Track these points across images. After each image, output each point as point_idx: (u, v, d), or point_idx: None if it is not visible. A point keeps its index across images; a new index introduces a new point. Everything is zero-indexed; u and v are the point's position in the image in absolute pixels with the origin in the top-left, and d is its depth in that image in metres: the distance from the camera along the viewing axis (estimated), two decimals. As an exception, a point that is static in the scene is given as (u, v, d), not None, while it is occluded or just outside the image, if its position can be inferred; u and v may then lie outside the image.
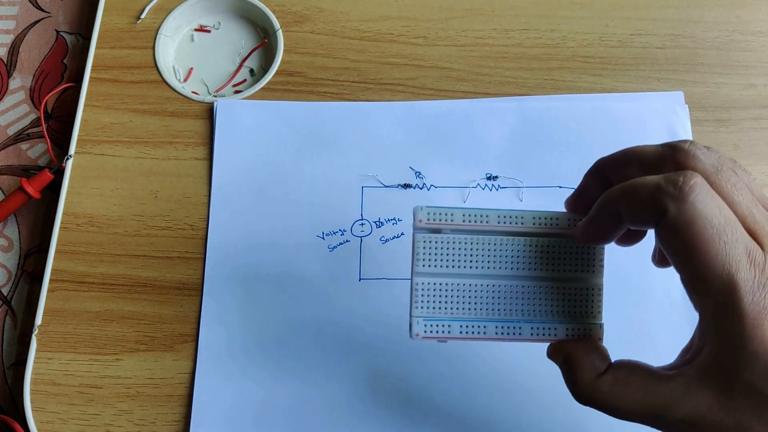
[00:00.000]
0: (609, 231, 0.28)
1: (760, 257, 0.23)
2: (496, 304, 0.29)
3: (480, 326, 0.29)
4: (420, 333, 0.29)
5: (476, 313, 0.29)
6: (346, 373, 0.38)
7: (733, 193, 0.24)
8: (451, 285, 0.29)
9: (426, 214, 0.29)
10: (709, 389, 0.25)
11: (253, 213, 0.42)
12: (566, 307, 0.29)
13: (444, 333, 0.29)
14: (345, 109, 0.44)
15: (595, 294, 0.29)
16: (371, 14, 0.48)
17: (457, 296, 0.29)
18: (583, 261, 0.29)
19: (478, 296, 0.29)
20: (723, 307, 0.24)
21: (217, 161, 0.43)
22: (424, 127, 0.44)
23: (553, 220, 0.29)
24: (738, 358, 0.24)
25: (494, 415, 0.38)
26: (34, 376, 0.39)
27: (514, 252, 0.29)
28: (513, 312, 0.29)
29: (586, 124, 0.43)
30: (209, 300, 0.40)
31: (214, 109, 0.45)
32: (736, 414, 0.24)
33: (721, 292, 0.23)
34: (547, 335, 0.29)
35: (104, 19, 0.48)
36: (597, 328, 0.29)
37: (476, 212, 0.29)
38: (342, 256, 0.41)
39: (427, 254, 0.29)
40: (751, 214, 0.24)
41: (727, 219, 0.24)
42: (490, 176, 0.43)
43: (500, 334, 0.29)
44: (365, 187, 0.43)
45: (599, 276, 0.29)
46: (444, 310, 0.29)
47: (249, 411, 0.38)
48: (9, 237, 0.44)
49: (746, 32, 0.47)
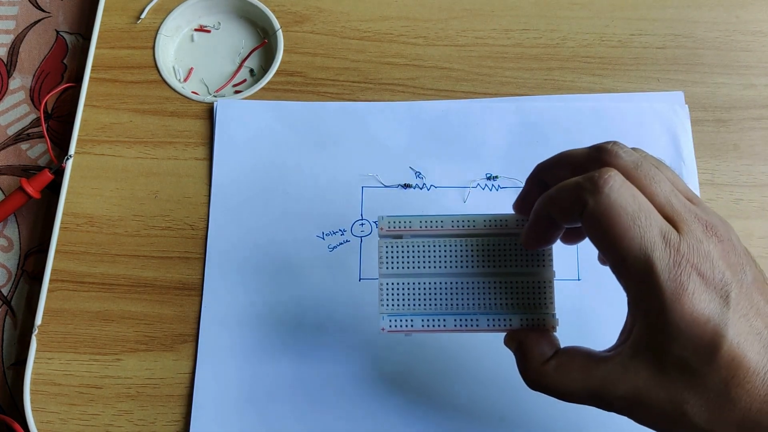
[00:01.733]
0: (548, 234, 0.30)
1: (675, 238, 0.25)
2: (454, 299, 0.32)
3: (440, 320, 0.32)
4: (386, 327, 0.32)
5: (436, 308, 0.32)
6: (346, 373, 0.38)
7: (651, 184, 0.27)
8: (412, 284, 0.32)
9: (387, 222, 0.33)
10: (642, 366, 0.26)
11: (253, 213, 0.42)
12: (521, 299, 0.32)
13: (407, 327, 0.32)
14: (345, 109, 0.44)
15: (547, 286, 0.32)
16: (371, 14, 0.48)
17: (418, 293, 0.32)
18: (533, 257, 0.32)
19: (437, 293, 0.32)
20: (643, 285, 0.25)
21: (217, 161, 0.43)
22: (424, 127, 0.44)
23: (502, 222, 0.32)
24: (664, 333, 0.25)
25: (496, 411, 0.38)
26: (34, 376, 0.39)
27: (468, 252, 0.32)
28: (470, 306, 0.32)
29: (586, 124, 0.43)
30: (209, 300, 0.40)
31: (214, 109, 0.45)
32: (670, 388, 0.26)
33: (640, 272, 0.25)
34: (502, 326, 0.32)
35: (104, 19, 0.48)
36: (550, 317, 0.31)
37: (432, 218, 0.33)
38: (342, 256, 0.41)
39: (390, 258, 0.32)
40: (669, 202, 0.26)
41: (641, 206, 0.26)
42: (490, 176, 0.43)
43: (459, 326, 0.32)
44: (365, 187, 0.43)
45: (549, 270, 0.32)
46: (407, 306, 0.32)
47: (249, 411, 0.38)
48: (9, 237, 0.44)
49: (746, 32, 0.47)
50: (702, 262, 0.25)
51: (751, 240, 0.41)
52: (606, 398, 0.27)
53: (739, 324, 0.25)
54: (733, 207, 0.42)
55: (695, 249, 0.26)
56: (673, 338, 0.25)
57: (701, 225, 0.26)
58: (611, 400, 0.27)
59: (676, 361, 0.26)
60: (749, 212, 0.42)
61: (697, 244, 0.26)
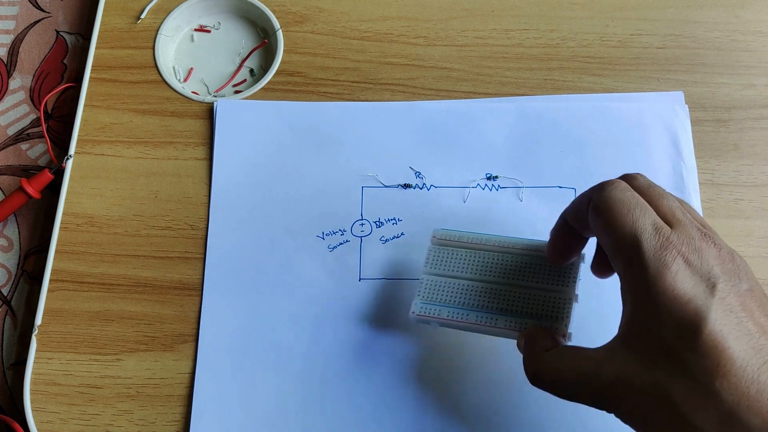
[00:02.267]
0: (569, 245, 0.34)
1: (666, 230, 0.28)
2: (481, 300, 0.36)
3: (463, 314, 0.35)
4: (416, 311, 0.36)
5: (463, 304, 0.36)
6: (345, 372, 0.38)
7: (659, 199, 0.29)
8: (447, 282, 0.37)
9: (440, 233, 0.38)
10: (629, 352, 0.28)
11: (253, 213, 0.42)
12: (540, 310, 0.35)
13: (435, 315, 0.36)
14: (345, 108, 0.44)
15: (566, 303, 0.35)
16: (371, 14, 0.48)
17: (450, 291, 0.36)
18: (559, 277, 0.35)
19: (466, 293, 0.36)
20: (631, 263, 0.28)
21: (217, 161, 0.43)
22: (424, 127, 0.44)
23: (538, 247, 0.36)
24: (647, 311, 0.27)
25: (497, 416, 0.38)
26: (34, 376, 0.39)
27: (502, 264, 0.36)
28: (493, 307, 0.35)
29: (586, 124, 0.43)
30: (209, 300, 0.40)
31: (214, 109, 0.45)
32: (655, 373, 0.26)
33: (628, 250, 0.28)
34: (518, 328, 0.34)
35: (104, 19, 0.48)
36: (563, 328, 0.34)
37: (477, 236, 0.37)
38: (342, 256, 0.41)
39: (435, 261, 0.37)
40: (672, 212, 0.29)
41: (638, 202, 0.29)
42: (490, 176, 0.43)
43: (480, 321, 0.35)
44: (365, 187, 0.43)
45: (572, 290, 0.35)
46: (438, 298, 0.36)
47: (249, 411, 0.38)
48: (9, 237, 0.44)
49: (746, 32, 0.47)
50: (690, 252, 0.27)
51: (751, 240, 0.41)
52: (593, 386, 0.28)
53: (724, 315, 0.26)
54: (733, 207, 0.42)
55: (685, 241, 0.28)
56: (656, 316, 0.27)
57: (698, 231, 0.28)
58: (598, 389, 0.28)
59: (660, 345, 0.27)
60: (749, 212, 0.42)
61: (688, 239, 0.28)
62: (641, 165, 0.42)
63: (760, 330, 0.26)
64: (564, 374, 0.29)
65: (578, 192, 0.42)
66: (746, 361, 0.25)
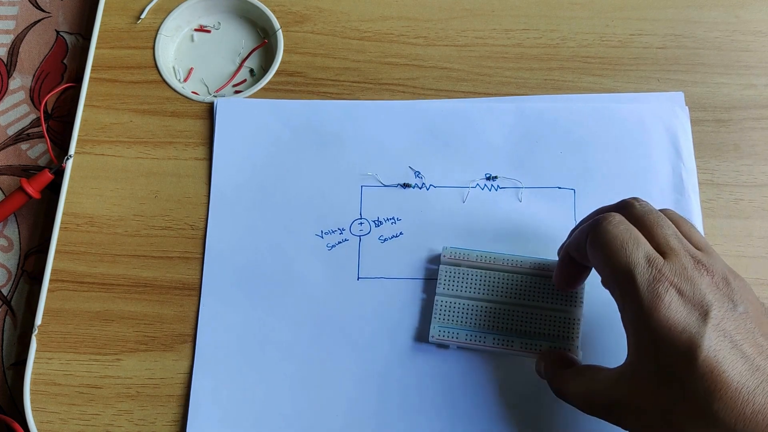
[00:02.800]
0: (574, 275, 0.36)
1: (660, 262, 0.29)
2: (496, 321, 0.37)
3: (481, 336, 0.37)
4: (435, 335, 0.38)
5: (479, 326, 0.38)
6: (344, 372, 0.38)
7: (654, 227, 0.31)
8: (462, 304, 0.38)
9: (450, 252, 0.39)
10: (637, 377, 0.29)
11: (252, 211, 0.42)
12: (552, 330, 0.37)
13: (453, 338, 0.37)
14: (345, 107, 0.44)
15: (575, 323, 0.37)
16: (371, 14, 0.48)
17: (466, 312, 0.38)
18: (566, 297, 0.38)
19: (481, 314, 0.38)
20: (626, 296, 0.30)
21: (216, 159, 0.43)
22: (424, 127, 0.44)
23: (546, 266, 0.38)
24: (645, 339, 0.29)
25: (494, 413, 0.38)
26: (34, 376, 0.39)
27: (513, 285, 0.38)
28: (508, 329, 0.37)
29: (586, 125, 0.43)
30: (207, 299, 0.40)
31: (214, 107, 0.45)
32: (660, 398, 0.28)
33: (623, 284, 0.30)
34: (534, 349, 0.37)
35: (104, 19, 0.48)
36: (575, 348, 0.37)
37: (487, 254, 0.39)
38: (341, 255, 0.41)
39: (447, 280, 0.39)
40: (666, 241, 0.30)
41: (632, 235, 0.30)
42: (489, 176, 0.43)
43: (496, 344, 0.37)
44: (364, 186, 0.43)
45: (579, 310, 0.37)
46: (455, 321, 0.38)
47: (247, 411, 0.38)
48: (9, 237, 0.44)
49: (746, 32, 0.47)
50: (683, 283, 0.29)
51: (751, 240, 0.41)
52: (609, 405, 0.30)
53: (718, 340, 0.28)
54: (733, 207, 0.42)
55: (678, 272, 0.29)
56: (655, 345, 0.28)
57: (692, 259, 0.30)
58: (599, 407, 0.31)
59: (662, 371, 0.28)
60: (749, 212, 0.42)
61: (681, 269, 0.29)
62: (641, 166, 0.42)
63: (757, 350, 0.28)
64: (581, 391, 0.32)
65: (578, 193, 0.42)
66: (742, 384, 0.27)
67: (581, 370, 0.33)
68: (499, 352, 0.37)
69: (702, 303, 0.28)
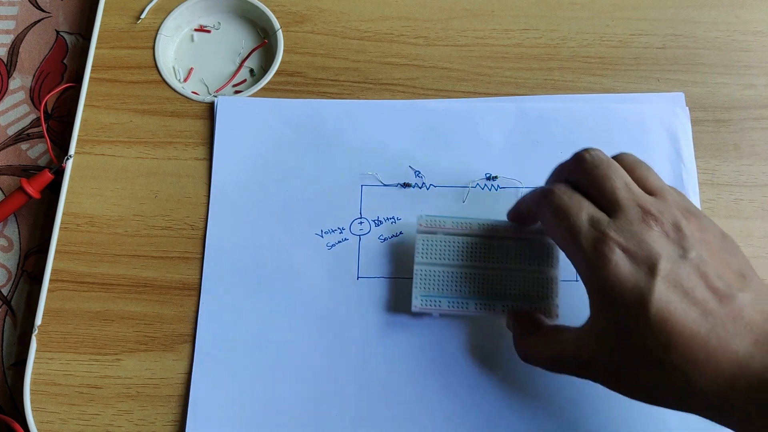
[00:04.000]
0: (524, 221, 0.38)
1: (604, 222, 0.30)
2: (476, 286, 0.38)
3: (463, 302, 0.37)
4: (418, 305, 0.38)
5: (460, 292, 0.38)
6: (344, 371, 0.38)
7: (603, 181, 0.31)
8: (442, 272, 0.38)
9: (425, 220, 0.39)
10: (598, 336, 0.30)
11: (252, 210, 0.42)
12: (531, 291, 0.37)
13: (436, 306, 0.37)
14: (345, 107, 0.44)
15: (553, 282, 0.37)
16: (371, 14, 0.48)
17: (446, 280, 0.38)
18: (544, 259, 0.38)
19: (462, 280, 0.38)
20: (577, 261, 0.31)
21: (217, 158, 0.43)
22: (424, 127, 0.44)
23: (521, 228, 0.38)
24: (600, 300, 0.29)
25: (494, 412, 0.38)
26: (34, 376, 0.39)
27: (491, 249, 0.38)
28: (489, 293, 0.37)
29: (586, 125, 0.43)
30: (207, 298, 0.40)
31: (214, 106, 0.45)
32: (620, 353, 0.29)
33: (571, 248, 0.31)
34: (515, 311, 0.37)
35: (104, 19, 0.48)
36: (554, 306, 0.37)
37: (462, 220, 0.38)
38: (341, 255, 0.41)
39: (425, 249, 0.38)
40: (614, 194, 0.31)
41: (574, 202, 0.31)
42: (489, 176, 0.43)
43: (479, 308, 0.37)
44: (365, 185, 0.43)
45: (556, 270, 0.38)
46: (436, 289, 0.38)
47: (246, 411, 0.38)
48: (9, 237, 0.44)
49: (746, 32, 0.47)
50: (627, 240, 0.29)
51: (751, 240, 0.41)
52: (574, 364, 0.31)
53: (668, 291, 0.28)
54: (733, 207, 0.42)
55: (623, 229, 0.30)
56: (607, 303, 0.29)
57: (639, 211, 0.30)
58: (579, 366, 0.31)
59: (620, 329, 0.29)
60: (749, 212, 0.42)
61: (626, 225, 0.30)
62: None
63: (710, 294, 0.28)
64: (548, 355, 0.33)
65: None
66: (695, 331, 0.27)
67: (546, 333, 0.34)
68: (481, 316, 0.38)
69: (649, 256, 0.29)
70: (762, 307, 0.28)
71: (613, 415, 0.37)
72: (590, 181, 0.32)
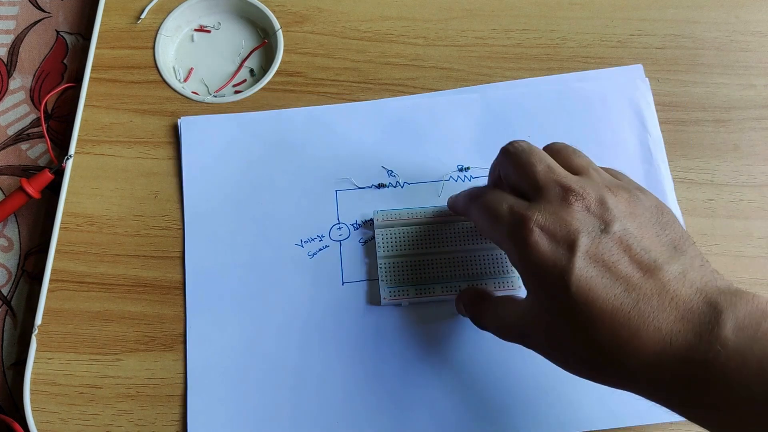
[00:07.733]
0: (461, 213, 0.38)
1: (523, 207, 0.30)
2: (439, 271, 0.39)
3: (429, 288, 0.39)
4: (387, 297, 0.39)
5: (425, 279, 0.39)
6: (335, 375, 0.38)
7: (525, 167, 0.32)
8: (404, 262, 0.39)
9: (381, 215, 0.40)
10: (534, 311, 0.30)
11: (229, 229, 0.41)
12: (491, 268, 0.39)
13: (404, 295, 0.39)
14: (309, 114, 0.44)
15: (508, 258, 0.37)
16: (371, 14, 0.48)
17: (410, 269, 0.39)
18: None
19: (424, 267, 0.39)
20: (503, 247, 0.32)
21: (186, 181, 0.43)
22: (392, 125, 0.44)
23: None
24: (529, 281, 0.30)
25: (485, 415, 0.38)
26: (34, 376, 0.39)
27: (448, 233, 0.40)
28: (452, 275, 0.39)
29: (551, 106, 0.44)
30: (194, 321, 0.40)
31: (178, 127, 0.44)
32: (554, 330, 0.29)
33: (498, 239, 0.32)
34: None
35: (104, 19, 0.48)
36: (515, 278, 0.39)
37: (417, 210, 0.40)
38: (323, 262, 0.41)
39: (385, 243, 0.40)
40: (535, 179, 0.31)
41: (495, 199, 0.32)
42: (461, 168, 0.43)
43: (445, 291, 0.39)
44: (339, 190, 0.42)
45: None
46: (402, 279, 0.39)
47: (244, 415, 0.38)
48: (9, 237, 0.44)
49: (746, 32, 0.47)
50: (546, 219, 0.29)
51: (751, 240, 0.41)
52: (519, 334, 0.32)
53: (588, 268, 0.28)
54: (733, 207, 0.42)
55: (542, 210, 0.30)
56: (535, 283, 0.29)
57: (560, 190, 0.30)
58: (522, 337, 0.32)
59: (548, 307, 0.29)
60: (749, 212, 0.42)
61: (545, 206, 0.30)
62: (608, 141, 0.43)
63: (635, 267, 0.28)
64: (497, 326, 0.34)
65: None
66: (617, 307, 0.27)
67: (495, 303, 0.34)
68: (449, 299, 0.39)
69: (568, 233, 0.29)
70: (692, 279, 0.27)
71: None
72: (515, 170, 0.32)
